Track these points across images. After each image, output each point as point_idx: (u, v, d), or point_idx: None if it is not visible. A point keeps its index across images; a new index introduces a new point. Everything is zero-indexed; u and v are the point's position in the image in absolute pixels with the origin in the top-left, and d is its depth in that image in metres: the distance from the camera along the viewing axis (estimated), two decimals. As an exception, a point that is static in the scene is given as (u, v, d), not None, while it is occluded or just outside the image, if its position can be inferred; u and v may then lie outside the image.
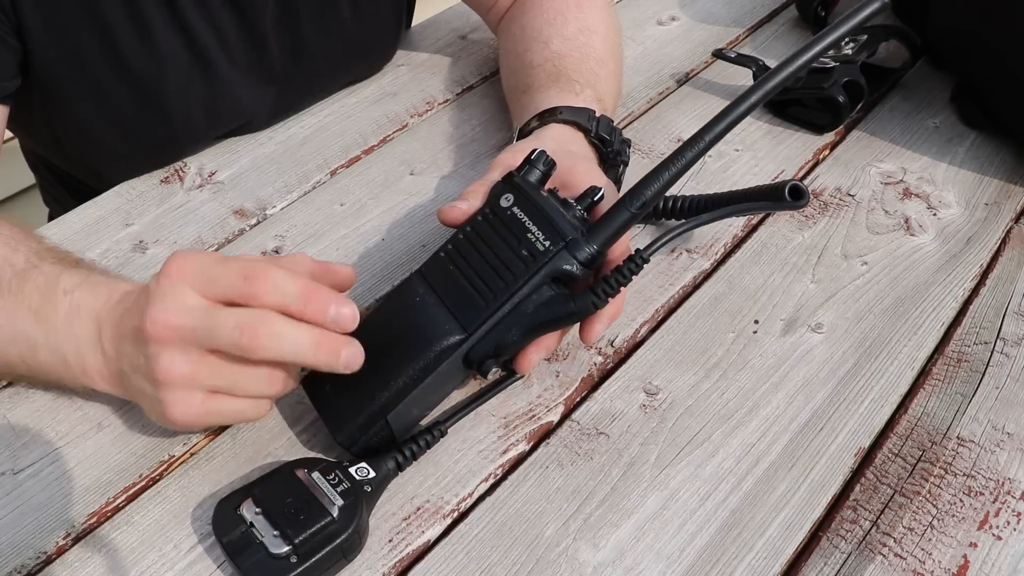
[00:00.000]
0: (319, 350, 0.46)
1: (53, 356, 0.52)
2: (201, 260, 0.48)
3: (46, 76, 0.70)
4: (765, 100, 0.51)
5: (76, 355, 0.51)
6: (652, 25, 0.96)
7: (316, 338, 0.46)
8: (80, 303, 0.52)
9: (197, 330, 0.46)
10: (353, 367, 0.47)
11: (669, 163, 0.52)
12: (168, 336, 0.46)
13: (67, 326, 0.51)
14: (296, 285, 0.46)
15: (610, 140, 0.67)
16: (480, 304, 0.51)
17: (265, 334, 0.45)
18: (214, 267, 0.47)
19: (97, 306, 0.51)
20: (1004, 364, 0.61)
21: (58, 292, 0.52)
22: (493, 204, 0.54)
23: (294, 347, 0.46)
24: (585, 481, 0.54)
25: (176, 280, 0.47)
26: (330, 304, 0.46)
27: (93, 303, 0.52)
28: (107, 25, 0.69)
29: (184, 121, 0.76)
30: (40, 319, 0.52)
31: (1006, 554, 0.50)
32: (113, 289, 0.52)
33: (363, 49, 0.85)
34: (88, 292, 0.52)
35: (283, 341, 0.46)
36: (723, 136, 0.51)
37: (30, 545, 0.50)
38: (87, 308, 0.51)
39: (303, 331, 0.46)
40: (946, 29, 0.83)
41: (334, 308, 0.46)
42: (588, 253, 0.52)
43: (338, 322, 0.47)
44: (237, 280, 0.46)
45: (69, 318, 0.51)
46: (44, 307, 0.52)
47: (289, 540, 0.46)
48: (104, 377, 0.51)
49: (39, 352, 0.52)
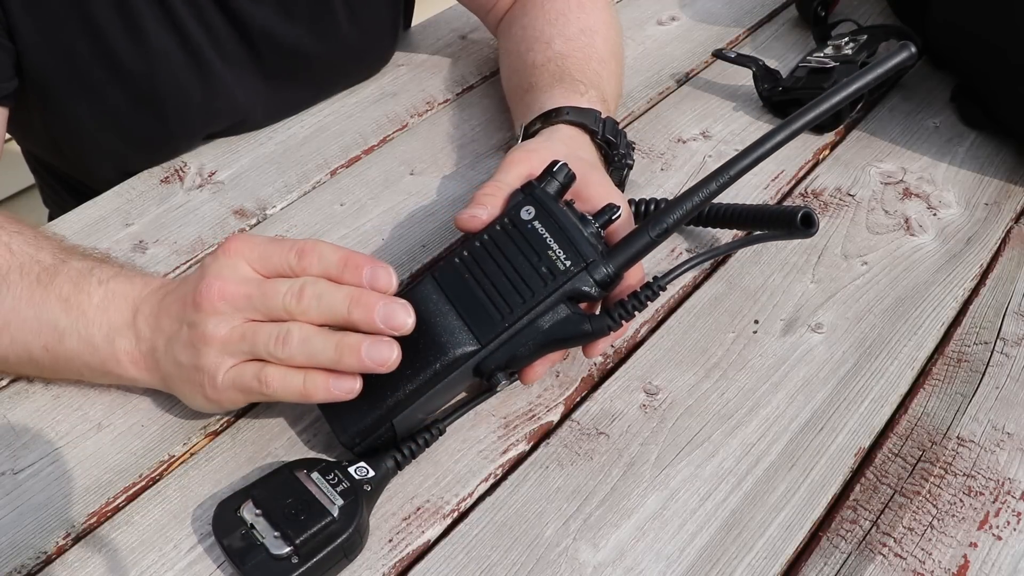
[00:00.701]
0: (354, 306, 0.49)
1: (81, 344, 0.53)
2: (256, 240, 0.52)
3: (39, 77, 0.70)
4: (794, 137, 0.52)
5: (107, 340, 0.53)
6: (652, 25, 0.96)
7: (353, 295, 0.49)
8: (116, 290, 0.54)
9: (253, 297, 0.49)
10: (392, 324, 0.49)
11: (693, 192, 0.53)
12: (221, 304, 0.49)
13: (100, 312, 0.53)
14: (338, 254, 0.50)
15: (616, 142, 0.67)
16: (496, 317, 0.51)
17: (310, 294, 0.49)
18: (268, 245, 0.51)
19: (134, 293, 0.54)
20: (1004, 364, 0.61)
21: (92, 282, 0.54)
22: (513, 215, 0.54)
23: (331, 304, 0.49)
24: (585, 481, 0.54)
25: (233, 256, 0.50)
26: (366, 265, 0.50)
27: (129, 290, 0.54)
28: (98, 25, 0.69)
29: (179, 120, 0.76)
30: (70, 308, 0.53)
31: (1006, 554, 0.50)
32: (149, 279, 0.56)
33: (359, 53, 0.85)
34: (124, 281, 0.55)
35: (324, 300, 0.49)
36: (748, 171, 0.52)
37: (30, 545, 0.50)
38: (122, 294, 0.54)
39: (342, 290, 0.50)
40: (946, 28, 0.83)
41: (369, 269, 0.50)
42: (606, 275, 0.52)
43: (373, 281, 0.50)
44: (289, 255, 0.50)
45: (104, 304, 0.53)
46: (76, 296, 0.54)
47: (290, 541, 0.46)
48: (134, 359, 0.53)
49: (66, 340, 0.53)
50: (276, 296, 0.49)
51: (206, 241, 0.70)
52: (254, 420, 0.56)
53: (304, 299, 0.49)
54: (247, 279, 0.50)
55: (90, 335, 0.53)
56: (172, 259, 0.68)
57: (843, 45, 0.84)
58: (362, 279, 0.50)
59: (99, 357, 0.53)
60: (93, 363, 0.54)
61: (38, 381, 0.58)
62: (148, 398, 0.57)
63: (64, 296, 0.54)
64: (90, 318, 0.53)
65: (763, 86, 0.83)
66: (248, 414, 0.57)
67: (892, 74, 0.53)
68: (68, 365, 0.55)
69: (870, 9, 0.97)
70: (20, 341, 0.54)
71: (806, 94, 0.80)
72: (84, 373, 0.55)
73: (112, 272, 0.55)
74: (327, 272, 0.50)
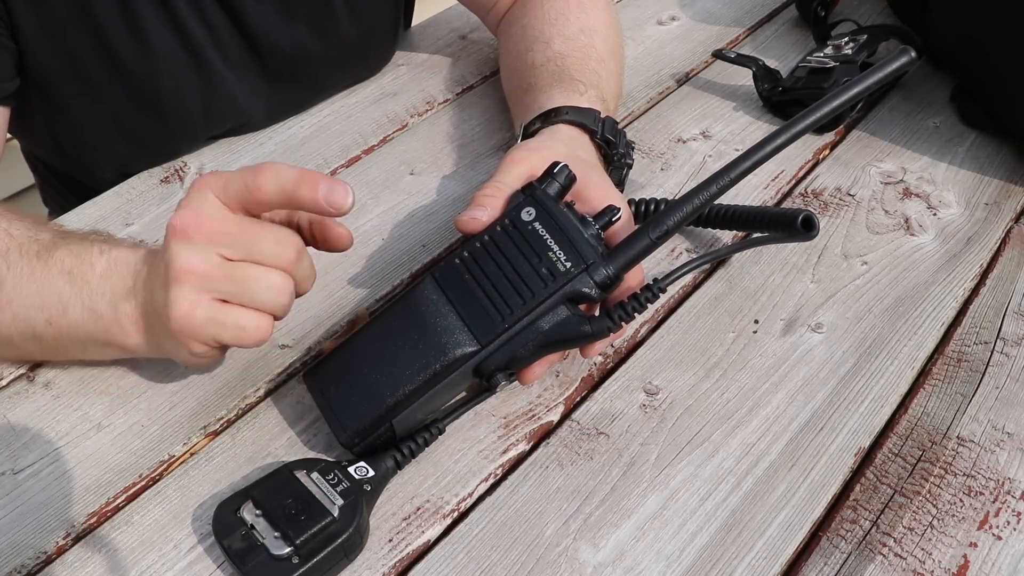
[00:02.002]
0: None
1: (85, 313, 0.53)
2: (221, 173, 0.50)
3: (41, 77, 0.70)
4: (794, 141, 0.52)
5: (110, 305, 0.53)
6: (652, 25, 0.96)
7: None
8: (118, 258, 0.54)
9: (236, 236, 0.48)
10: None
11: (694, 195, 0.53)
12: (192, 233, 0.48)
13: (103, 281, 0.53)
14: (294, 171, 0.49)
15: (615, 142, 0.67)
16: (496, 318, 0.51)
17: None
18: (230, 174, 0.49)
19: (136, 259, 0.54)
20: (1004, 364, 0.61)
21: (93, 252, 0.54)
22: (513, 216, 0.54)
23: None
24: (585, 481, 0.54)
25: (201, 189, 0.49)
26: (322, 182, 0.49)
27: (131, 257, 0.54)
28: (100, 24, 0.69)
29: (180, 120, 0.76)
30: (74, 279, 0.54)
31: (1006, 554, 0.50)
32: (151, 249, 0.55)
33: (360, 52, 0.85)
34: (126, 250, 0.55)
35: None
36: (749, 173, 0.53)
37: (30, 545, 0.50)
38: (124, 262, 0.54)
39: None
40: (946, 28, 0.83)
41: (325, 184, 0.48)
42: (606, 277, 0.52)
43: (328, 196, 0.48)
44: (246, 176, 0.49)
45: (107, 272, 0.54)
46: (79, 267, 0.54)
47: (290, 541, 0.46)
48: (134, 321, 0.53)
49: (70, 311, 0.53)
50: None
51: (206, 241, 0.70)
52: (254, 420, 0.57)
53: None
54: (223, 215, 0.49)
55: (94, 303, 0.53)
56: (172, 259, 0.68)
57: (843, 45, 0.84)
58: (318, 195, 0.48)
59: (103, 325, 0.53)
60: (96, 332, 0.54)
61: (38, 380, 0.58)
62: (148, 398, 0.57)
63: (66, 269, 0.54)
64: (94, 287, 0.53)
65: (763, 86, 0.83)
66: (248, 414, 0.57)
67: (893, 78, 0.53)
68: (72, 337, 0.55)
69: (870, 9, 0.97)
70: (23, 317, 0.54)
71: (806, 94, 0.80)
72: (87, 346, 0.55)
73: (114, 243, 0.56)
74: (283, 189, 0.48)
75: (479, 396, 0.55)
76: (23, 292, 0.54)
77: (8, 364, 0.59)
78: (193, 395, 0.57)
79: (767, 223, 0.62)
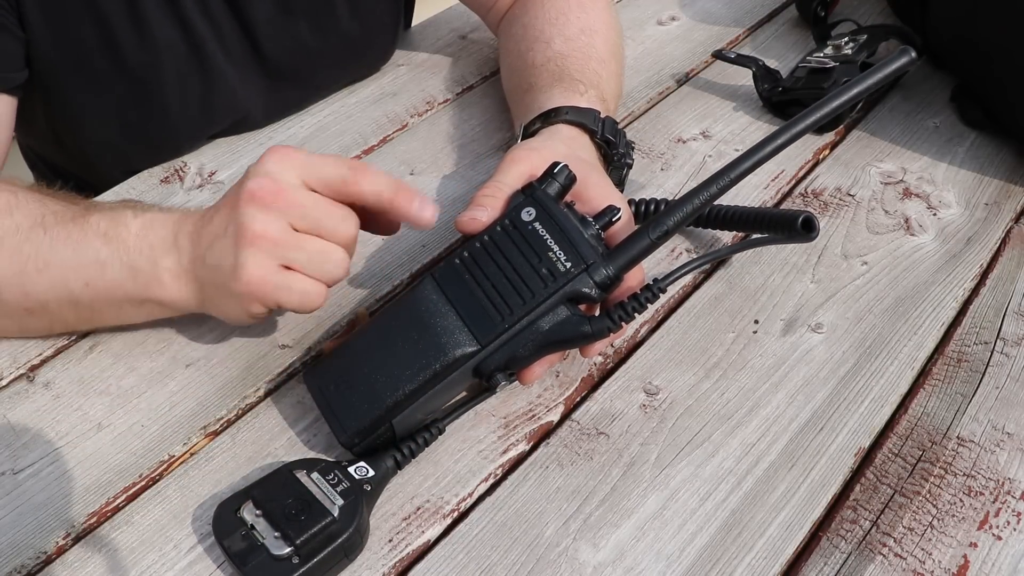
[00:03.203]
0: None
1: (123, 271, 0.54)
2: (301, 151, 0.53)
3: (44, 68, 0.70)
4: (794, 141, 0.53)
5: (149, 260, 0.54)
6: (652, 25, 0.96)
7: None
8: (154, 218, 0.56)
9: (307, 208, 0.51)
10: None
11: (694, 195, 0.53)
12: (271, 201, 0.50)
13: (140, 239, 0.55)
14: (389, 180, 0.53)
15: (615, 142, 0.67)
16: (496, 318, 0.51)
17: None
18: (315, 157, 0.53)
19: (173, 218, 0.56)
20: (1004, 364, 0.61)
21: (127, 214, 0.56)
22: (513, 217, 0.54)
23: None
24: (585, 481, 0.54)
25: (280, 161, 0.52)
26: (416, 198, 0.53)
27: (167, 217, 0.56)
28: (105, 16, 0.69)
29: (180, 115, 0.76)
30: (110, 239, 0.55)
31: (1006, 554, 0.50)
32: (185, 210, 0.58)
33: (360, 49, 0.85)
34: (159, 211, 0.57)
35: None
36: (748, 174, 0.53)
37: (30, 545, 0.50)
38: (161, 220, 0.55)
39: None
40: (946, 28, 0.83)
41: (419, 201, 0.53)
42: (606, 277, 0.52)
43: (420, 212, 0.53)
44: (342, 168, 0.52)
45: (143, 231, 0.55)
46: (115, 228, 0.55)
47: (291, 541, 0.46)
48: (176, 275, 0.54)
49: (108, 271, 0.55)
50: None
51: (206, 241, 0.70)
52: (254, 420, 0.57)
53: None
54: (300, 188, 0.51)
55: (132, 260, 0.54)
56: (172, 259, 0.68)
57: (843, 45, 0.84)
58: (412, 208, 0.52)
59: (142, 280, 0.54)
60: (135, 291, 0.55)
61: (38, 381, 0.58)
62: (148, 398, 0.57)
63: (102, 231, 0.55)
64: (131, 245, 0.54)
65: (763, 86, 0.83)
66: (248, 414, 0.57)
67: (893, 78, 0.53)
68: (109, 299, 0.56)
69: (870, 9, 0.97)
70: (60, 281, 0.55)
71: (806, 94, 0.80)
72: (124, 307, 0.56)
73: (145, 207, 0.57)
74: (380, 193, 0.52)
75: (479, 396, 0.55)
76: (60, 256, 0.55)
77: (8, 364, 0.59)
78: (193, 395, 0.57)
79: (767, 224, 0.62)
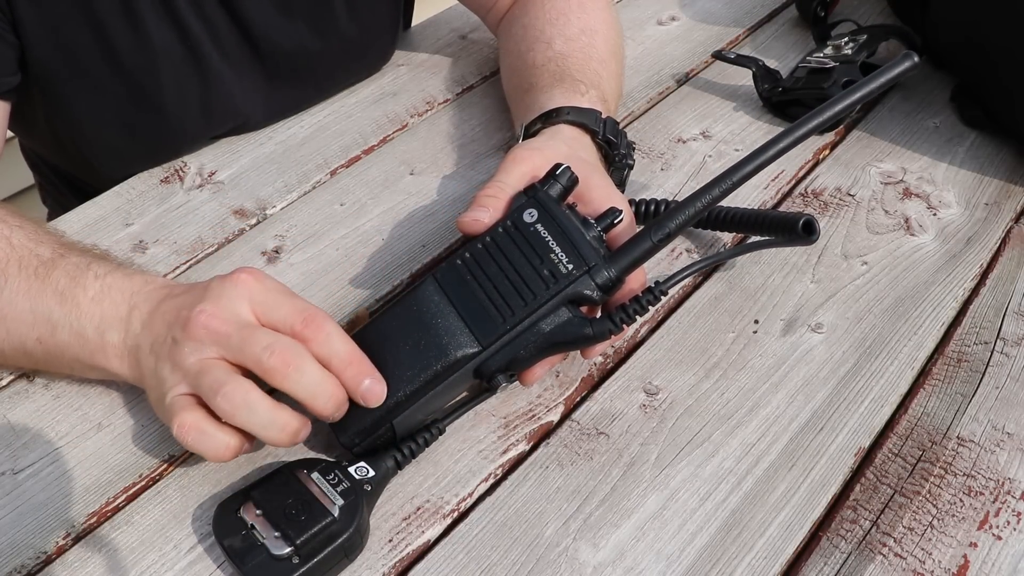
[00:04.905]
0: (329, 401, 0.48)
1: (72, 336, 0.53)
2: (269, 283, 0.51)
3: (42, 72, 0.70)
4: (797, 144, 0.53)
5: (97, 331, 0.53)
6: (652, 25, 0.96)
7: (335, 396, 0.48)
8: (112, 284, 0.54)
9: (232, 337, 0.48)
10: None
11: (696, 198, 0.53)
12: (203, 333, 0.48)
13: (95, 305, 0.53)
14: (346, 347, 0.49)
15: (617, 143, 0.67)
16: (497, 319, 0.51)
17: (293, 365, 0.47)
18: (278, 295, 0.50)
19: (132, 288, 0.54)
20: (1004, 364, 0.61)
21: (88, 276, 0.54)
22: (516, 218, 0.54)
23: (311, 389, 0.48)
24: (585, 481, 0.54)
25: (238, 287, 0.50)
26: (367, 375, 0.49)
27: (127, 285, 0.54)
28: (100, 20, 0.69)
29: (179, 117, 0.76)
30: (65, 300, 0.53)
31: (1006, 554, 0.50)
32: (150, 277, 0.55)
33: (360, 49, 0.85)
34: (122, 276, 0.55)
35: (304, 378, 0.47)
36: (750, 177, 0.53)
37: (30, 545, 0.50)
38: (119, 288, 0.54)
39: (329, 382, 0.48)
40: (945, 28, 0.83)
41: (369, 381, 0.49)
42: (608, 280, 0.52)
43: (367, 396, 0.49)
44: (296, 316, 0.49)
45: (99, 297, 0.53)
46: (72, 289, 0.54)
47: (291, 541, 0.46)
48: (119, 354, 0.53)
49: (58, 333, 0.53)
50: (255, 345, 0.47)
51: (206, 241, 0.70)
52: (254, 420, 0.56)
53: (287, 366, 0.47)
54: (237, 319, 0.49)
55: (82, 327, 0.53)
56: (172, 259, 0.68)
57: (843, 45, 0.84)
58: (358, 388, 0.49)
59: (88, 349, 0.53)
60: (82, 355, 0.54)
61: (38, 381, 0.58)
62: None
63: (60, 289, 0.54)
64: (83, 310, 0.53)
65: (763, 86, 0.83)
66: (248, 414, 0.57)
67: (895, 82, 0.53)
68: (59, 358, 0.55)
69: (870, 9, 0.97)
70: (15, 333, 0.54)
71: (806, 94, 0.80)
72: (74, 367, 0.55)
73: (110, 267, 0.55)
74: (328, 359, 0.48)
75: (479, 397, 0.55)
76: (17, 308, 0.54)
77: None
78: (193, 395, 0.57)
79: (768, 226, 0.62)
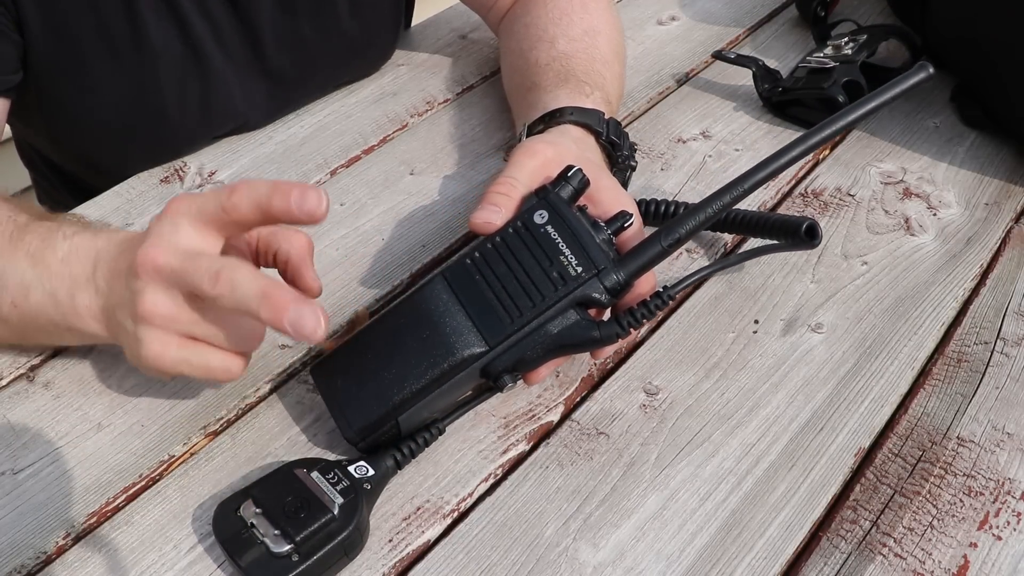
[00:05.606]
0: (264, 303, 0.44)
1: (45, 297, 0.52)
2: (195, 195, 0.48)
3: (43, 70, 0.70)
4: (809, 153, 0.53)
5: (68, 294, 0.52)
6: (652, 25, 0.96)
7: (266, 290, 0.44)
8: (79, 245, 0.53)
9: (176, 273, 0.46)
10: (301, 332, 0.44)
11: (707, 204, 0.53)
12: (156, 274, 0.47)
13: (63, 266, 0.52)
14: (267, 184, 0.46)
15: (620, 144, 0.67)
16: (505, 319, 0.51)
17: (224, 280, 0.45)
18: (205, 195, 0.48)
19: (97, 246, 0.52)
20: (1004, 364, 0.61)
21: (58, 236, 0.53)
22: (526, 219, 0.54)
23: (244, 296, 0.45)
24: (585, 481, 0.54)
25: (173, 215, 0.48)
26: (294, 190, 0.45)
27: (92, 244, 0.53)
28: (102, 17, 0.69)
29: (179, 116, 0.76)
30: (36, 262, 0.53)
31: (1006, 554, 0.50)
32: (114, 233, 0.54)
33: (361, 48, 0.85)
34: (88, 236, 0.53)
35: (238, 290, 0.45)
36: (762, 184, 0.53)
37: (30, 545, 0.50)
38: (85, 248, 0.53)
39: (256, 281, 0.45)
40: (946, 28, 0.83)
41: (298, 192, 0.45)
42: (617, 283, 0.52)
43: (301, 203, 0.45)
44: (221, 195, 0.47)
45: (67, 258, 0.52)
46: (42, 251, 0.53)
47: (290, 538, 0.46)
48: (93, 314, 0.52)
49: (31, 295, 0.53)
50: (195, 274, 0.46)
51: (206, 241, 0.70)
52: (254, 420, 0.56)
53: (218, 284, 0.45)
54: (178, 248, 0.47)
55: (53, 289, 0.52)
56: (172, 259, 0.68)
57: (843, 45, 0.84)
58: (290, 204, 0.45)
59: (61, 311, 0.53)
60: (56, 318, 0.53)
61: (38, 380, 0.58)
62: (148, 398, 0.57)
63: (32, 251, 0.53)
64: (53, 271, 0.52)
65: (763, 86, 0.83)
66: (248, 414, 0.57)
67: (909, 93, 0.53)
68: (35, 322, 0.54)
69: (870, 9, 0.97)
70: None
71: (806, 94, 0.80)
72: (50, 330, 0.55)
73: (80, 227, 0.54)
74: (258, 203, 0.46)
75: (481, 396, 0.55)
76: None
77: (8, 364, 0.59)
78: (193, 395, 0.57)
79: (770, 229, 0.63)
